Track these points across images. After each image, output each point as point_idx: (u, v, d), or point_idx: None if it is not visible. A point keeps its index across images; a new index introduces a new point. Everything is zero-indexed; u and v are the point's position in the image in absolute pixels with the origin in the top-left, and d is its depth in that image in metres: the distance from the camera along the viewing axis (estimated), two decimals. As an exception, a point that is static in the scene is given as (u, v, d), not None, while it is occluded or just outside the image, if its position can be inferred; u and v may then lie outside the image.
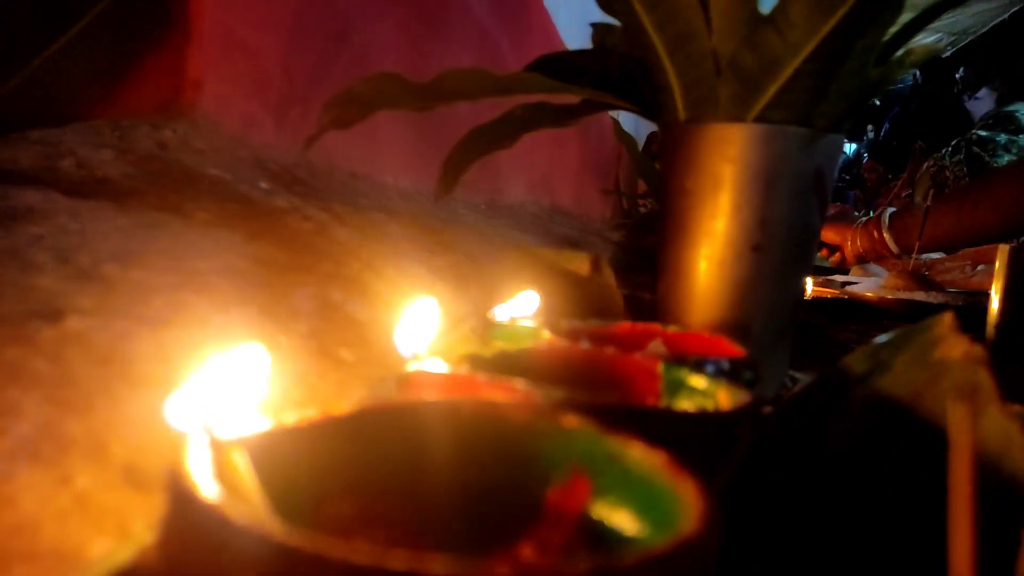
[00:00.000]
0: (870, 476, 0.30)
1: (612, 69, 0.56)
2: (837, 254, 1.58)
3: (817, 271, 1.54)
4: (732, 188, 0.49)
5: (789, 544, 0.28)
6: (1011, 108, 2.06)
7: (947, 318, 0.32)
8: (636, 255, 1.19)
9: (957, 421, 0.13)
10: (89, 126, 0.54)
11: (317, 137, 0.58)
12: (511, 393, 0.23)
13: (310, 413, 0.20)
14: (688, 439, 0.23)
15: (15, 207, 0.40)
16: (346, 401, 0.21)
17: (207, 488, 0.14)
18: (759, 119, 0.48)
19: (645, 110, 0.56)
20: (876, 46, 0.46)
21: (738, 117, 0.48)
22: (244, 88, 0.62)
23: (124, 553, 0.20)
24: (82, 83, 0.54)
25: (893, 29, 0.48)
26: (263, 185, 0.56)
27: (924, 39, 0.58)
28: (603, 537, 0.20)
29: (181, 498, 0.14)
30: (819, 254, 1.58)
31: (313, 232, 0.52)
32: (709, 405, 0.29)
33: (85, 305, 0.31)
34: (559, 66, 0.58)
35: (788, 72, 0.45)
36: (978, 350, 0.28)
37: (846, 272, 1.56)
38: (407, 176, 0.90)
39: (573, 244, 1.18)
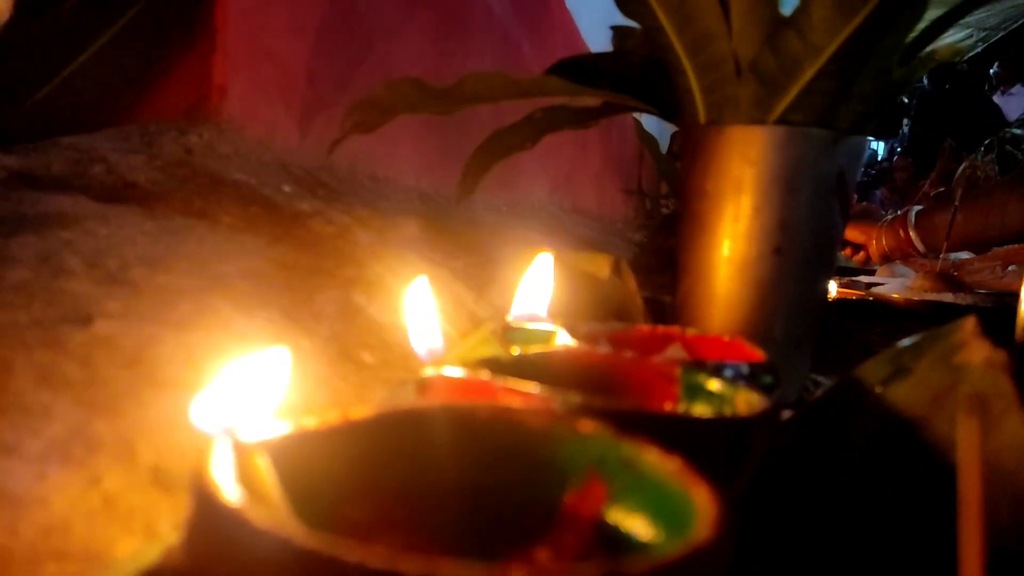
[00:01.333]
0: (888, 483, 0.30)
1: (632, 71, 0.56)
2: (862, 253, 1.55)
3: (842, 271, 1.52)
4: (753, 190, 0.49)
5: (806, 549, 0.28)
6: None
7: (970, 322, 0.31)
8: (658, 256, 1.18)
9: (965, 435, 0.13)
10: (119, 131, 0.55)
11: (339, 142, 0.59)
12: (528, 398, 0.23)
13: (330, 417, 0.20)
14: (704, 445, 0.23)
15: (47, 212, 0.41)
16: (365, 405, 0.21)
17: (229, 492, 0.15)
18: (780, 121, 0.47)
19: (665, 112, 0.56)
20: (899, 47, 0.46)
21: (759, 119, 0.48)
22: (269, 94, 0.63)
23: (151, 553, 0.21)
24: (112, 90, 0.55)
25: (919, 26, 0.48)
26: (286, 189, 0.57)
27: (953, 36, 0.58)
28: (618, 542, 0.20)
29: (204, 501, 0.15)
30: (843, 253, 1.56)
31: (335, 235, 0.53)
32: (727, 410, 0.29)
33: (113, 309, 0.31)
34: (579, 69, 0.58)
35: (809, 74, 0.45)
36: (1000, 355, 0.27)
37: (872, 272, 1.53)
38: (428, 178, 0.91)
39: (594, 246, 1.18)
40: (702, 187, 0.51)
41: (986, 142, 2.01)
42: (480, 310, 0.54)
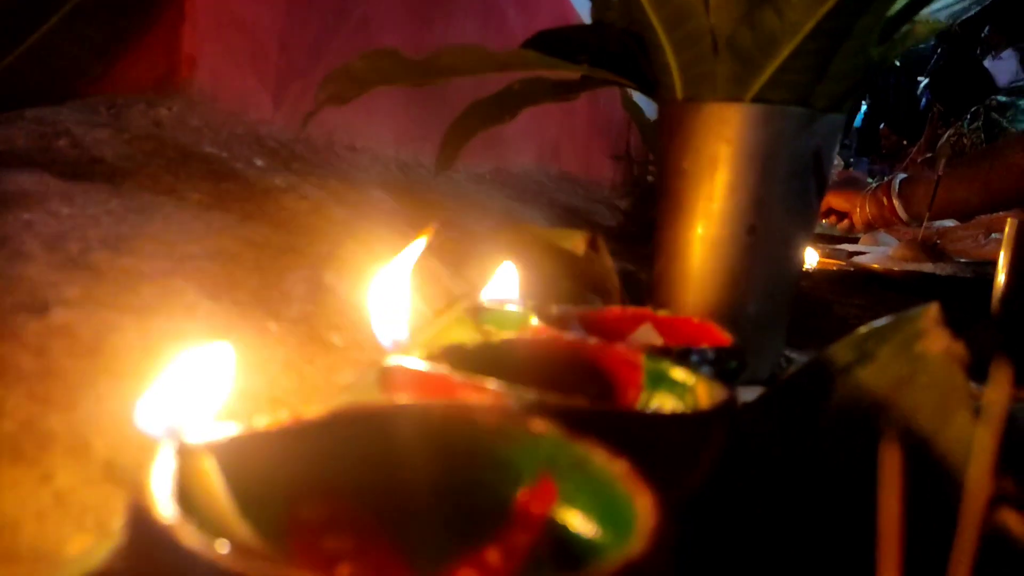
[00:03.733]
0: (850, 468, 0.30)
1: (611, 45, 0.55)
2: (845, 221, 1.55)
3: (825, 239, 1.53)
4: (729, 169, 0.48)
5: (770, 536, 0.29)
6: None
7: (933, 310, 0.31)
8: (643, 226, 1.18)
9: (887, 463, 0.13)
10: (85, 104, 0.54)
11: (313, 114, 0.58)
12: (484, 394, 0.23)
13: (281, 417, 0.20)
14: (660, 440, 0.23)
15: (8, 191, 0.40)
16: (317, 405, 0.21)
17: (164, 507, 0.15)
18: (757, 99, 0.47)
19: (644, 87, 0.55)
20: (878, 24, 0.45)
21: (736, 97, 0.47)
22: (240, 64, 0.62)
23: (101, 551, 0.21)
24: (77, 61, 0.54)
25: (897, 4, 0.47)
26: (259, 163, 0.56)
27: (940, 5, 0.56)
28: (567, 541, 0.20)
29: (139, 514, 0.15)
30: (827, 221, 1.56)
31: (309, 211, 0.52)
32: (689, 399, 0.29)
33: (72, 296, 0.31)
34: (558, 42, 0.57)
35: (786, 51, 0.45)
36: (959, 347, 0.28)
37: (855, 240, 1.54)
38: (409, 147, 0.90)
39: (578, 215, 1.18)
40: (678, 165, 0.50)
41: (972, 109, 2.00)
42: (455, 286, 0.54)
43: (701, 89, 0.49)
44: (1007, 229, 0.82)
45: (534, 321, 0.37)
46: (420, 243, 0.31)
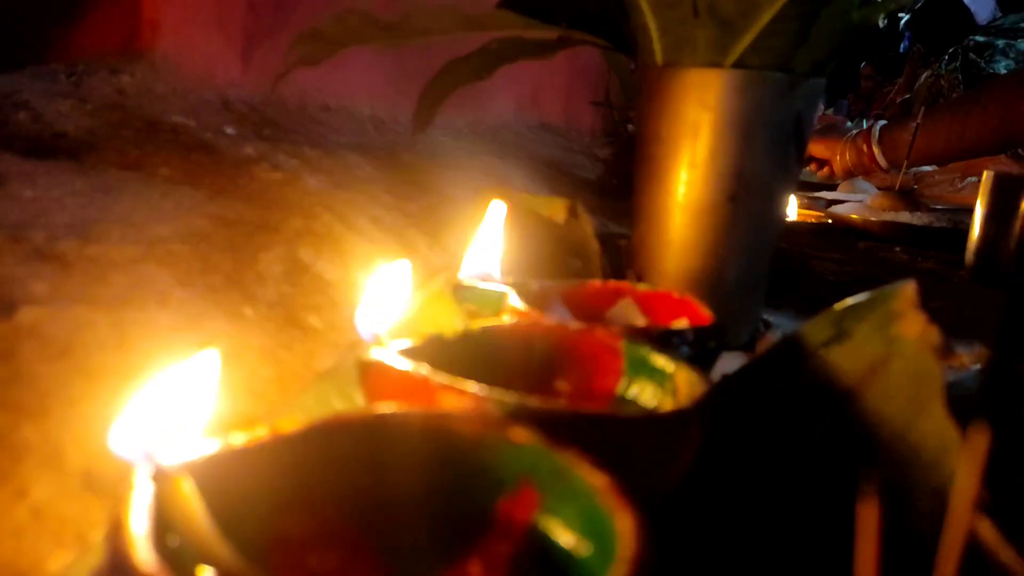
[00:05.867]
0: (824, 450, 0.30)
1: (590, 6, 0.54)
2: (825, 168, 1.55)
3: (804, 187, 1.53)
4: (709, 136, 0.48)
5: (745, 522, 0.29)
6: (1016, 17, 1.98)
7: (909, 290, 0.31)
8: (622, 177, 1.17)
9: (864, 518, 0.13)
10: (43, 71, 0.52)
11: (283, 76, 0.56)
12: (464, 397, 0.23)
13: (259, 432, 0.20)
14: (640, 441, 0.23)
15: (-33, 173, 0.39)
16: (293, 419, 0.21)
17: (143, 555, 0.15)
18: (738, 64, 0.46)
19: (623, 49, 0.54)
20: (861, -14, 0.44)
21: (716, 62, 0.46)
22: (205, 25, 0.59)
23: (81, 567, 0.21)
24: (33, 25, 0.52)
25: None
26: (229, 131, 0.55)
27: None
28: (548, 550, 0.20)
29: (118, 559, 0.15)
30: (808, 169, 1.56)
31: (282, 183, 0.51)
32: (669, 386, 0.29)
33: (40, 292, 0.30)
34: (535, 2, 0.55)
35: (767, 16, 0.44)
36: (933, 332, 0.28)
37: (834, 188, 1.54)
38: (384, 104, 0.87)
39: (559, 168, 1.17)
40: (657, 131, 0.50)
41: (950, 51, 1.98)
42: (434, 256, 0.53)
43: (681, 54, 0.48)
44: (983, 180, 0.82)
45: (513, 299, 0.37)
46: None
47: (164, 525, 0.17)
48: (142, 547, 0.15)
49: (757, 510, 0.28)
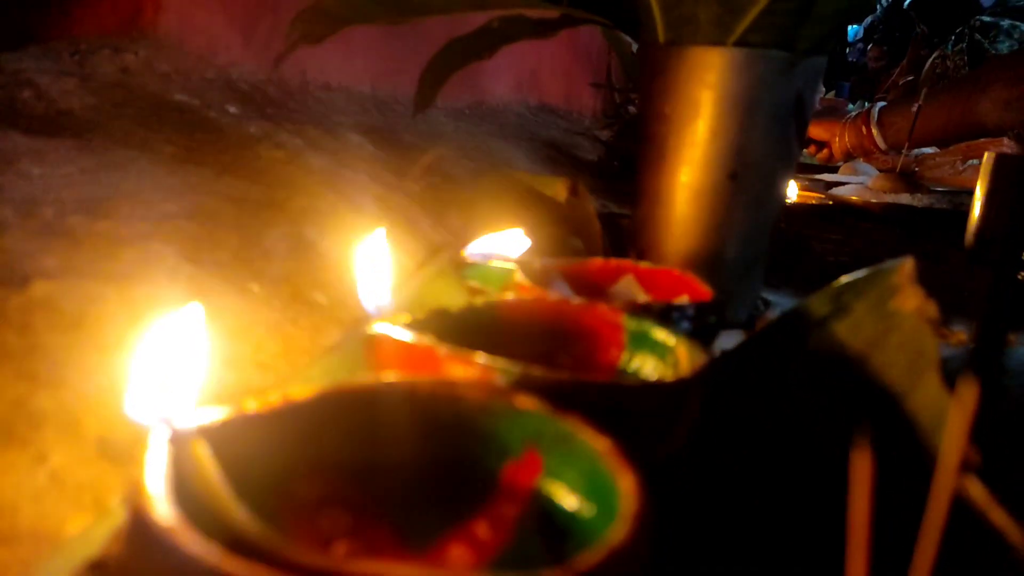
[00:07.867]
0: (823, 423, 0.31)
1: (592, -17, 0.54)
2: (825, 151, 1.55)
3: (805, 169, 1.52)
4: (710, 114, 0.48)
5: (743, 495, 0.30)
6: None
7: (908, 265, 0.32)
8: (623, 159, 1.17)
9: (858, 468, 0.14)
10: (46, 50, 0.52)
11: (285, 55, 0.56)
12: (470, 365, 0.24)
13: (271, 398, 0.21)
14: (641, 408, 0.24)
15: (-25, 151, 0.39)
16: (305, 385, 0.21)
17: (161, 509, 0.15)
18: (740, 43, 0.46)
19: (625, 28, 0.54)
20: (863, -36, 0.44)
21: (718, 40, 0.47)
22: (208, 4, 0.59)
23: (100, 531, 0.22)
24: (37, 5, 0.52)
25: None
26: (232, 110, 0.55)
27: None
28: (552, 513, 0.21)
29: (137, 516, 0.15)
30: (807, 151, 1.55)
31: (286, 161, 0.51)
32: (670, 359, 0.30)
33: (51, 266, 0.31)
34: (536, -21, 0.55)
35: (770, -6, 0.44)
36: (931, 307, 0.28)
37: (834, 170, 1.54)
38: (386, 83, 0.87)
39: (560, 149, 1.17)
40: (660, 110, 0.50)
41: (956, 32, 1.97)
42: (437, 235, 0.54)
43: (683, 32, 0.48)
44: (984, 162, 0.82)
45: (517, 276, 0.37)
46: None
47: (181, 487, 0.18)
48: (161, 504, 0.15)
49: (754, 478, 0.29)
